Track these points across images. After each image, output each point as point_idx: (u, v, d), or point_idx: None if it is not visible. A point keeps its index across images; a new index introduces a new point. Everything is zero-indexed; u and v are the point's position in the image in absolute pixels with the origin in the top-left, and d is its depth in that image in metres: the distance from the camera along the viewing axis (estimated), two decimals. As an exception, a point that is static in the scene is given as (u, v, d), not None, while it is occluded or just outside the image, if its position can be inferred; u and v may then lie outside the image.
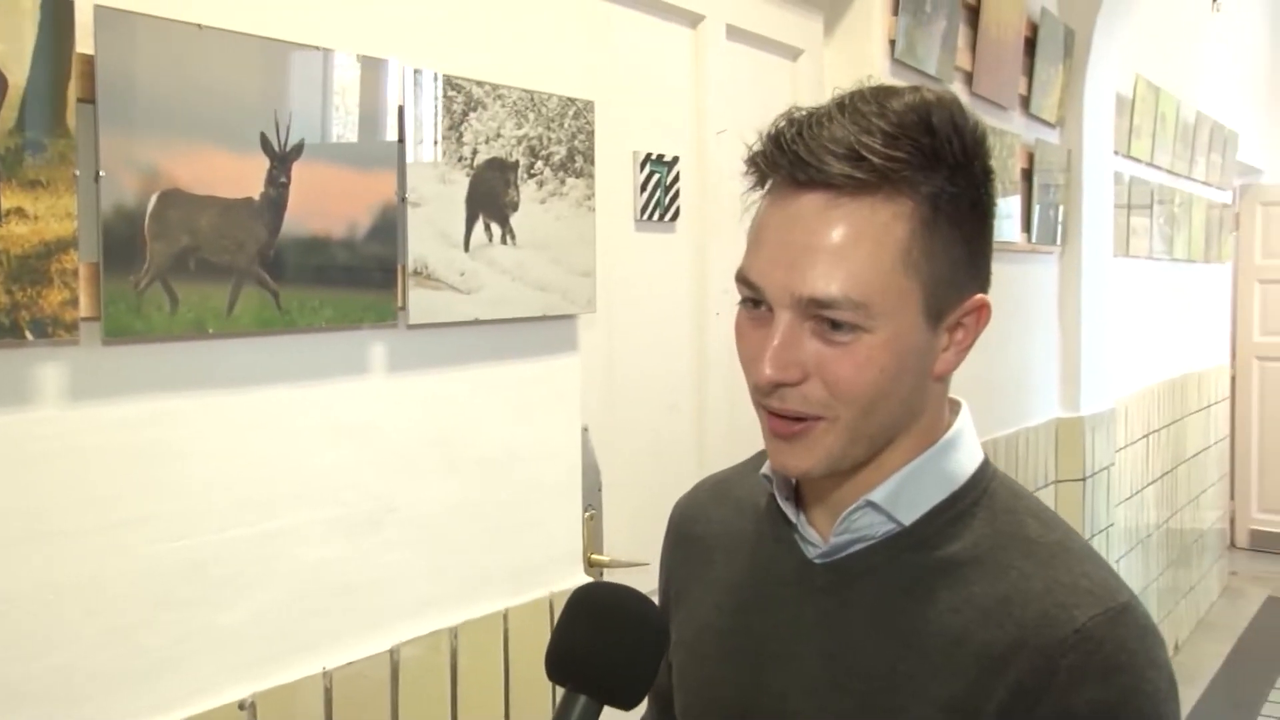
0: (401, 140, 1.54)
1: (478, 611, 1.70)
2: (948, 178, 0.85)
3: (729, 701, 0.98)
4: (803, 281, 0.84)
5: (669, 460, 2.33)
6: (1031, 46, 3.72)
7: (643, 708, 0.99)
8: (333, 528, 1.50)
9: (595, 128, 1.86)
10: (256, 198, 1.35)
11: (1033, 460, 3.89)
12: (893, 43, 2.86)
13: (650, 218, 2.24)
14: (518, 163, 1.72)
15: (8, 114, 1.12)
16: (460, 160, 1.63)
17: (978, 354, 0.93)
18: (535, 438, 1.82)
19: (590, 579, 1.95)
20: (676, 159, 2.29)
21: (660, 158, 2.25)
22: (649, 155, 2.22)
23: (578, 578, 1.89)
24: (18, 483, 1.18)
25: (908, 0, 2.87)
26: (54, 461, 1.21)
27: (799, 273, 0.84)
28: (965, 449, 0.94)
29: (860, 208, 0.84)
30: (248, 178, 1.34)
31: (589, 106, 1.84)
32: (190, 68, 1.28)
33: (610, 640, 0.85)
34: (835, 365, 0.85)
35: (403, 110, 1.54)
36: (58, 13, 1.15)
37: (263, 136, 1.35)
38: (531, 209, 1.74)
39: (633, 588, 0.89)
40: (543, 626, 1.78)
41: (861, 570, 0.92)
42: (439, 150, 1.60)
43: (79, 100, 1.18)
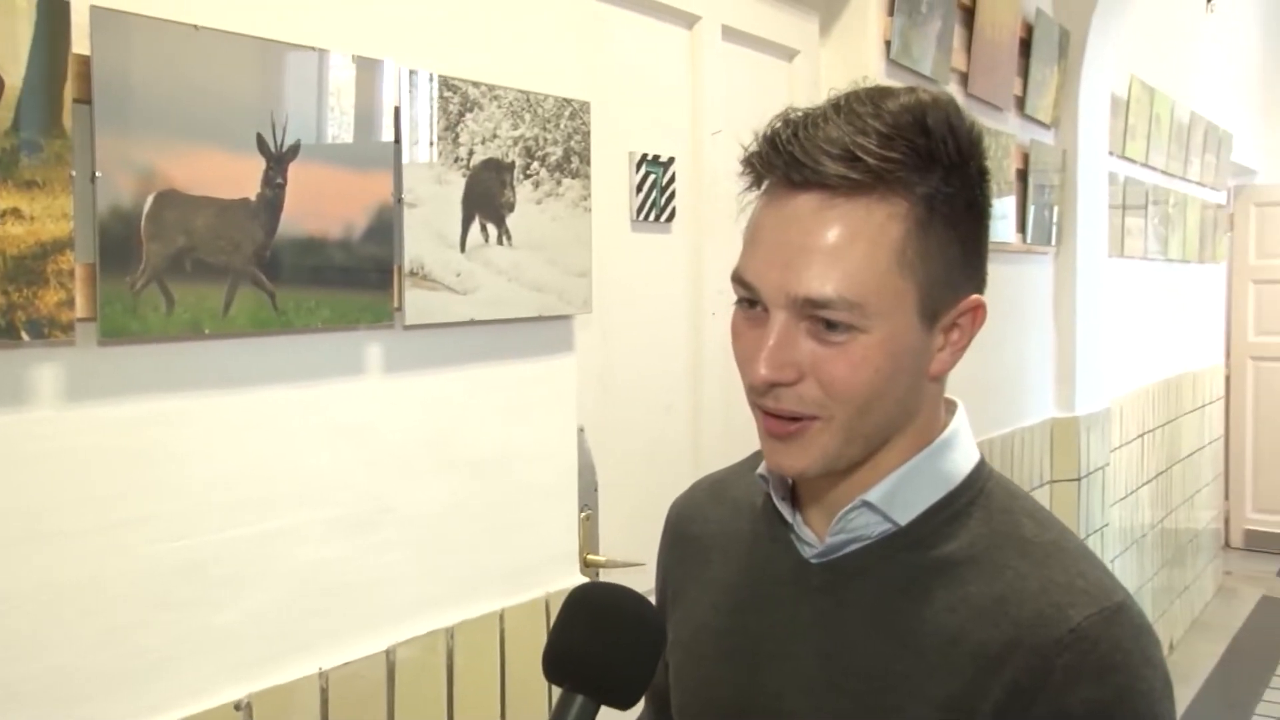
0: (397, 141, 1.54)
1: (474, 612, 1.70)
2: (943, 178, 0.85)
3: (725, 701, 0.99)
4: (798, 282, 0.84)
5: (664, 461, 2.33)
6: (1026, 47, 3.73)
7: (639, 707, 0.99)
8: (329, 528, 1.50)
9: (591, 128, 1.86)
10: (253, 198, 1.35)
11: (1028, 460, 3.90)
12: (888, 43, 2.87)
13: (646, 218, 2.24)
14: (514, 163, 1.72)
15: (3, 114, 1.11)
16: (456, 161, 1.63)
17: (973, 354, 0.94)
18: (531, 438, 1.82)
19: (586, 579, 1.96)
20: (672, 160, 2.29)
21: (656, 158, 2.25)
22: (645, 156, 2.23)
23: (573, 578, 1.90)
24: (14, 483, 1.18)
25: (903, 1, 2.88)
26: (50, 462, 1.21)
27: (794, 273, 0.84)
28: (961, 449, 0.94)
29: (855, 208, 0.84)
30: (244, 178, 1.34)
31: (585, 107, 1.84)
32: (186, 68, 1.28)
33: (608, 640, 0.85)
34: (830, 365, 0.85)
35: (399, 111, 1.54)
36: (53, 13, 1.15)
37: (259, 137, 1.35)
38: (527, 210, 1.75)
39: (630, 587, 0.89)
40: (538, 627, 1.78)
41: (857, 570, 0.92)
42: (435, 151, 1.60)
43: (75, 101, 1.18)
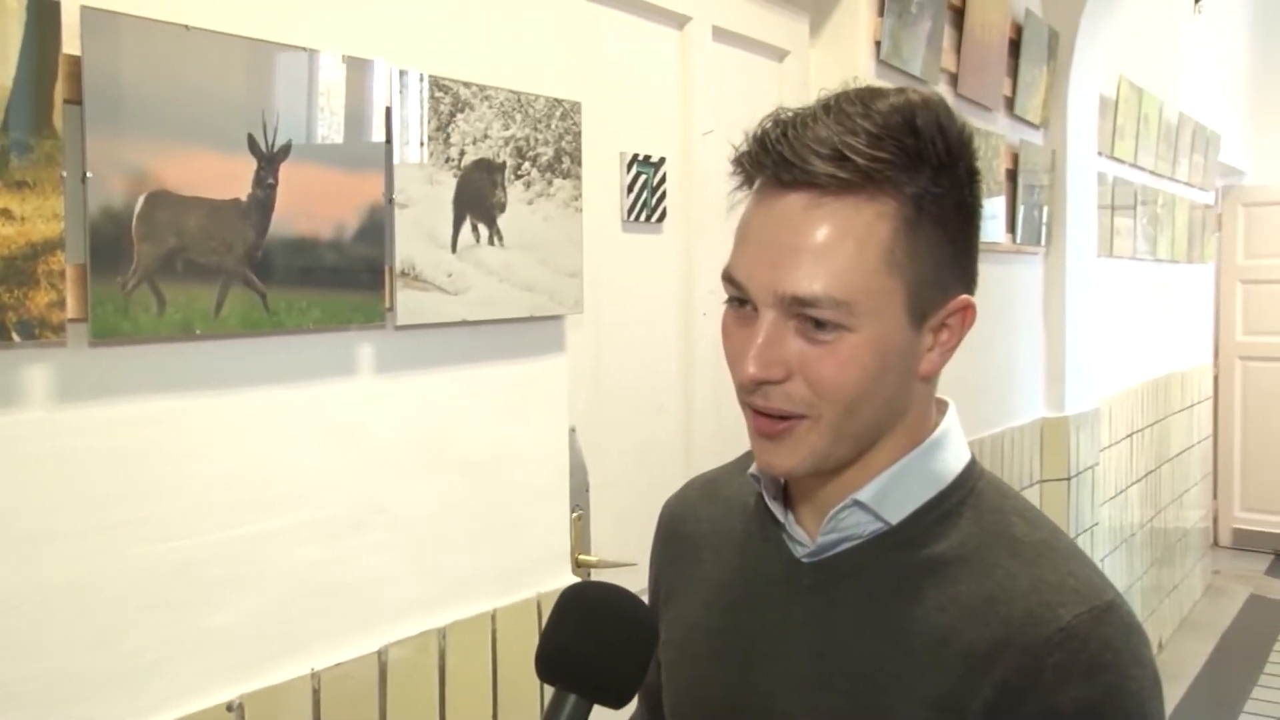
0: (389, 141, 1.54)
1: (466, 612, 1.70)
2: (931, 178, 0.86)
3: (717, 700, 0.99)
4: (786, 280, 0.85)
5: (656, 461, 2.33)
6: (1016, 48, 3.74)
7: (632, 706, 0.99)
8: (321, 529, 1.50)
9: (582, 128, 1.86)
10: (244, 199, 1.35)
11: (1018, 460, 3.91)
12: (878, 44, 2.87)
13: (637, 218, 2.25)
14: (505, 164, 1.72)
15: (-6, 115, 1.11)
16: (447, 161, 1.63)
17: (963, 354, 0.94)
18: (523, 438, 1.82)
19: (578, 579, 1.96)
20: (663, 160, 2.30)
21: (647, 159, 2.26)
22: (636, 156, 2.23)
23: (565, 578, 1.90)
24: (5, 484, 1.18)
25: (893, 2, 2.88)
26: (41, 463, 1.21)
27: (782, 272, 0.85)
28: (952, 449, 0.95)
29: (844, 207, 0.84)
30: (235, 179, 1.34)
31: (576, 107, 1.84)
32: (177, 69, 1.28)
33: (600, 639, 0.85)
34: (818, 364, 0.86)
35: (390, 111, 1.54)
36: (43, 14, 1.15)
37: (250, 138, 1.35)
38: (519, 210, 1.75)
39: (623, 586, 0.89)
40: (530, 627, 1.78)
41: (849, 569, 0.93)
42: (426, 151, 1.60)
43: (66, 101, 1.18)
